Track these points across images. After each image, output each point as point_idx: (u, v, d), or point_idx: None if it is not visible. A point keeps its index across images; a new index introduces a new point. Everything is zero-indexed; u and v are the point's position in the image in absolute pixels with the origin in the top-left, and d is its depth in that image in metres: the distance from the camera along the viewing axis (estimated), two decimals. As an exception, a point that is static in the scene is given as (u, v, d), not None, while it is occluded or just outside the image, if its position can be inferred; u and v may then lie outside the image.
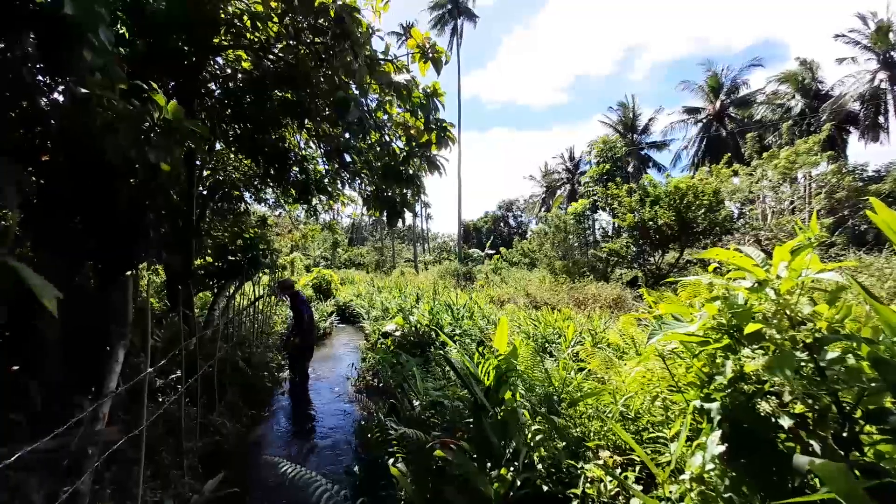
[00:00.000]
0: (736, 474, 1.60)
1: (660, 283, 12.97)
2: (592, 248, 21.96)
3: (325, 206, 7.69)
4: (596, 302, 10.48)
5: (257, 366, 6.02)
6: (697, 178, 15.58)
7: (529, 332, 6.39)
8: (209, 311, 6.43)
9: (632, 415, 2.94)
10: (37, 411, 2.68)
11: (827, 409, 1.47)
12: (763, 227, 13.82)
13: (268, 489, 3.65)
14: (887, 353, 1.33)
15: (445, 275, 22.46)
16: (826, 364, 1.43)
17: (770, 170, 14.23)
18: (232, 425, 4.28)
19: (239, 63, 5.17)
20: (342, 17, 3.76)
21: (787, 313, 1.56)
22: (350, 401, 5.94)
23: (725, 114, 31.05)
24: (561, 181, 44.22)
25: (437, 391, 4.03)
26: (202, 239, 5.76)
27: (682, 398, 2.10)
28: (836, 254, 11.29)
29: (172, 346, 3.61)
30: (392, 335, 7.16)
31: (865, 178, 21.23)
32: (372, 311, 11.42)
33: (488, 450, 2.74)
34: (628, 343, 4.59)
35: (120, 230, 3.36)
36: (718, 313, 1.74)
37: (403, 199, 5.49)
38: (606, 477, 2.39)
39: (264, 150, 5.68)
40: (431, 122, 4.92)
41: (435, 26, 34.17)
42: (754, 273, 1.64)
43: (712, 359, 1.85)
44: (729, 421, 1.63)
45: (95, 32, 2.09)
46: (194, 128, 2.66)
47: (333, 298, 15.65)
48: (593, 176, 29.86)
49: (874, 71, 24.36)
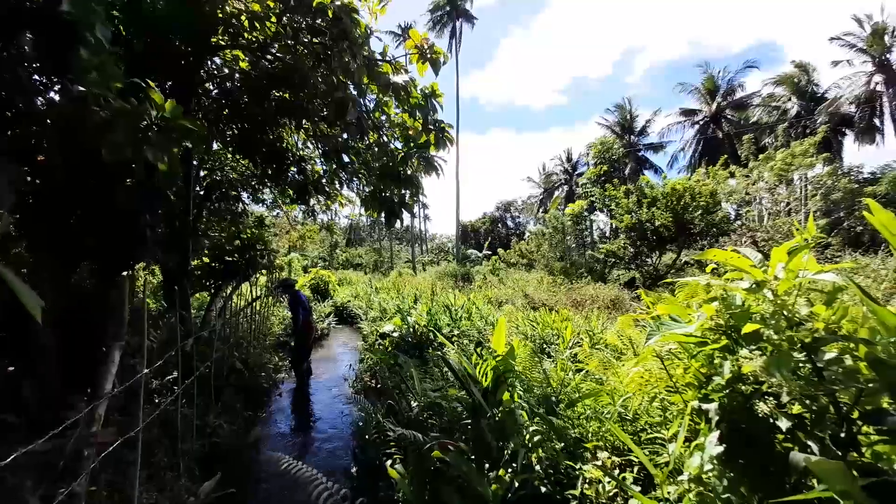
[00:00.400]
0: (734, 475, 1.60)
1: (657, 284, 13.00)
2: (590, 249, 21.99)
3: (323, 207, 7.66)
4: (594, 303, 10.49)
5: (254, 367, 6.00)
6: (694, 180, 15.65)
7: (527, 332, 6.39)
8: (206, 311, 6.40)
9: (630, 416, 2.94)
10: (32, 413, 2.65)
11: (825, 410, 1.47)
12: (760, 229, 13.88)
13: (266, 490, 3.64)
14: (884, 353, 1.34)
15: (443, 276, 22.44)
16: (824, 365, 1.43)
17: (766, 172, 14.31)
18: (229, 427, 4.25)
19: (236, 63, 5.15)
20: (340, 17, 3.76)
21: (785, 314, 1.56)
22: (348, 402, 5.92)
23: (722, 116, 31.20)
24: (559, 182, 44.30)
25: (435, 392, 4.02)
26: (199, 239, 5.73)
27: (681, 399, 2.10)
28: (833, 255, 11.35)
29: (169, 346, 3.59)
30: (390, 336, 7.14)
31: (861, 180, 21.36)
32: (370, 312, 11.40)
33: (486, 451, 2.74)
34: (626, 344, 4.59)
35: (117, 230, 3.34)
36: (716, 314, 1.74)
37: (401, 200, 5.49)
38: (605, 478, 2.39)
39: (262, 150, 5.66)
40: (430, 122, 4.92)
41: (433, 28, 34.18)
42: (752, 274, 1.64)
43: (710, 359, 1.85)
44: (727, 422, 1.63)
45: (92, 31, 2.08)
46: (192, 127, 2.65)
47: (331, 299, 15.60)
48: (591, 177, 29.86)
49: (870, 73, 24.53)
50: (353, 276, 24.59)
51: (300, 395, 6.36)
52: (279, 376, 6.74)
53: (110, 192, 3.14)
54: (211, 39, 4.35)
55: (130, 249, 3.50)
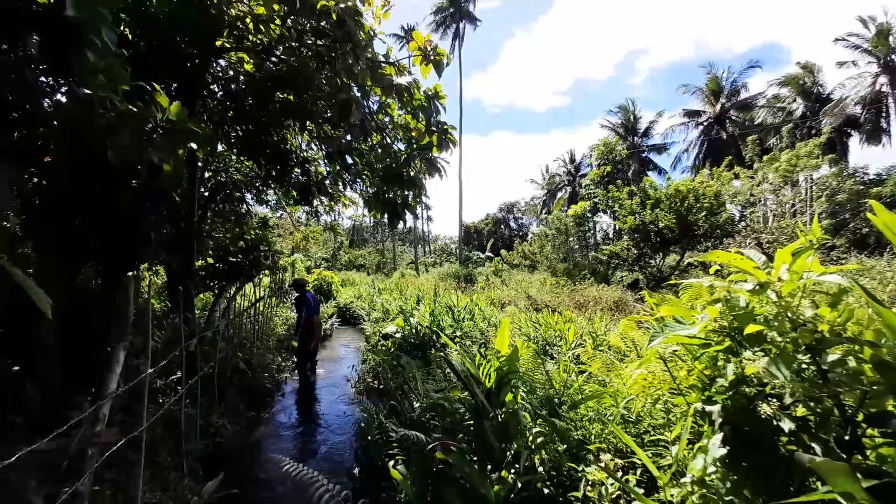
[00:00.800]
0: (737, 477, 1.59)
1: (661, 286, 12.95)
2: (593, 250, 21.94)
3: (327, 208, 7.69)
4: (597, 304, 10.46)
5: (257, 367, 6.02)
6: (698, 181, 15.59)
7: (530, 334, 6.38)
8: (210, 312, 6.43)
9: (633, 418, 2.93)
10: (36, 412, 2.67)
11: (829, 412, 1.46)
12: (764, 230, 13.81)
13: (268, 491, 3.64)
14: (890, 355, 1.33)
15: (446, 277, 22.45)
16: (828, 366, 1.43)
17: (771, 173, 14.24)
18: (232, 427, 4.27)
19: (241, 65, 5.18)
20: (344, 20, 3.78)
21: (789, 315, 1.55)
22: (351, 402, 5.93)
23: (726, 117, 31.06)
24: (562, 184, 44.22)
25: (437, 393, 4.02)
26: (203, 240, 5.76)
27: (684, 401, 2.09)
28: (838, 257, 11.28)
29: (173, 347, 3.61)
30: (392, 337, 7.15)
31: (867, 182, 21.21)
32: (372, 313, 11.42)
33: (489, 452, 2.73)
34: (629, 346, 4.58)
35: (121, 231, 3.37)
36: (720, 315, 1.73)
37: (404, 201, 5.49)
38: (608, 480, 2.39)
39: (266, 152, 5.69)
40: (433, 124, 4.93)
41: (437, 30, 34.22)
42: (756, 275, 1.64)
43: (714, 361, 1.84)
44: (730, 424, 1.63)
45: (98, 33, 2.10)
46: (197, 129, 2.66)
47: (334, 300, 15.64)
48: (594, 178, 29.84)
49: (875, 74, 24.36)
50: (356, 277, 24.65)
51: (303, 396, 6.37)
52: (282, 376, 6.76)
53: (115, 193, 3.16)
54: (216, 42, 4.38)
55: (135, 250, 3.52)
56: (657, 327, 1.88)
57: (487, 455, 2.73)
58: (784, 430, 1.49)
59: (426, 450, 2.80)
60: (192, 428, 3.63)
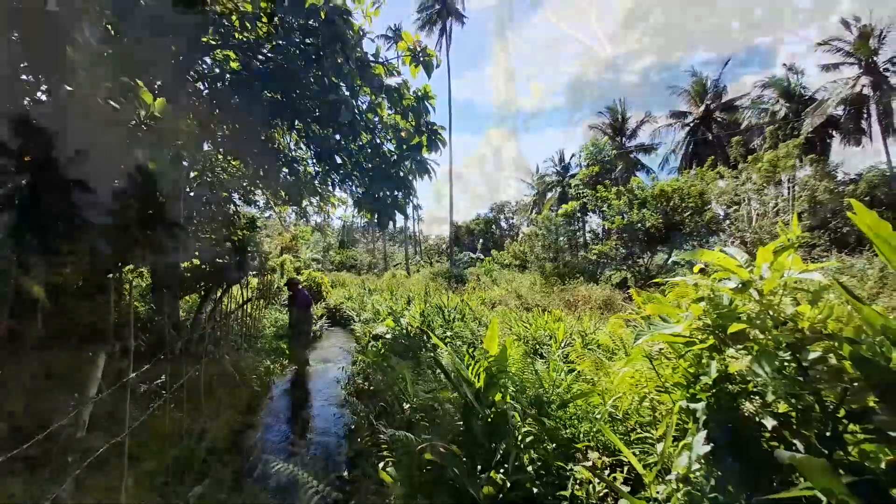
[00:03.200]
0: (721, 474, 1.61)
1: (649, 284, 13.10)
2: (582, 249, 22.11)
3: (316, 209, 7.63)
4: (586, 303, 10.54)
5: (245, 370, 5.94)
6: (682, 181, 15.82)
7: (520, 333, 6.40)
8: (196, 314, 6.33)
9: (620, 416, 2.95)
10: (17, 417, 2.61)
11: (810, 409, 1.49)
12: (748, 229, 14.05)
13: (256, 494, 3.60)
14: (869, 352, 1.35)
15: (437, 277, 22.45)
16: (809, 363, 1.45)
17: (754, 173, 14.51)
18: (219, 430, 4.21)
19: (227, 63, 5.12)
20: (333, 18, 3.76)
21: (771, 313, 1.58)
22: (340, 404, 5.88)
23: (712, 118, 31.53)
24: (552, 184, 44.42)
25: (427, 394, 4.01)
26: (189, 241, 5.67)
27: (669, 398, 2.12)
28: (819, 255, 11.52)
29: (157, 350, 3.54)
30: (383, 338, 7.11)
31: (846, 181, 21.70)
32: (363, 314, 11.35)
33: (478, 452, 2.73)
34: (617, 344, 4.62)
35: (104, 231, 3.30)
36: (704, 314, 1.76)
37: (394, 201, 5.48)
38: (595, 479, 2.40)
39: (253, 151, 5.63)
40: (422, 124, 4.93)
41: (423, 27, 34.04)
42: (738, 274, 1.66)
43: (698, 359, 1.87)
44: (714, 421, 1.65)
45: (80, 30, 2.06)
46: (182, 127, 2.62)
47: (324, 301, 15.52)
48: (583, 179, 30.09)
49: (856, 76, 24.94)
50: (346, 277, 24.51)
51: (292, 398, 6.31)
52: (270, 379, 6.69)
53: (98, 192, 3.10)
54: (202, 39, 4.31)
55: (118, 251, 3.45)
56: (644, 326, 1.90)
57: (477, 455, 2.73)
58: (767, 427, 1.51)
59: (416, 451, 2.79)
60: (178, 432, 3.57)
